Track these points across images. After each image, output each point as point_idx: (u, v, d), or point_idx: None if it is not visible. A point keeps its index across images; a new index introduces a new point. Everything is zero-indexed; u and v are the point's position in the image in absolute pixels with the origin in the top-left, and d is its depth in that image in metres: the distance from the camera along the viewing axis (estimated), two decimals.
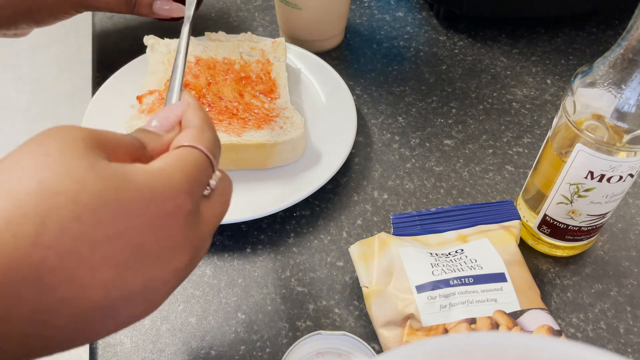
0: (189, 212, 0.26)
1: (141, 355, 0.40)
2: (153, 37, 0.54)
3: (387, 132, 0.55)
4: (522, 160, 0.53)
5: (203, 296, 0.43)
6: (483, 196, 0.50)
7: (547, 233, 0.44)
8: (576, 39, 0.64)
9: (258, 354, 0.40)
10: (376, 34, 0.65)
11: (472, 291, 0.38)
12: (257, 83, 0.52)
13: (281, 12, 0.60)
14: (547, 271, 0.45)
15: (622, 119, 0.35)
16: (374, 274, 0.40)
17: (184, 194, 0.26)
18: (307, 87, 0.56)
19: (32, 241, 0.22)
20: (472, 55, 0.62)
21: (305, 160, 0.50)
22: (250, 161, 0.48)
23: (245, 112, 0.49)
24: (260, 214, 0.45)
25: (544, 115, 0.56)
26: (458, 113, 0.57)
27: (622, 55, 0.34)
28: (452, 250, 0.41)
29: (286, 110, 0.50)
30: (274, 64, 0.54)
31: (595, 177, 0.38)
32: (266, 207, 0.45)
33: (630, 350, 0.41)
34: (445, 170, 0.52)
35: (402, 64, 0.61)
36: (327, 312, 0.42)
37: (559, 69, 0.61)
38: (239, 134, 0.47)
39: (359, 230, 0.47)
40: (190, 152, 0.28)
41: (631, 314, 0.42)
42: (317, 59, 0.57)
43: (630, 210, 0.49)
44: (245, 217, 0.45)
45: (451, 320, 0.37)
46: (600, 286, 0.44)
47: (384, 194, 0.50)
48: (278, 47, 0.55)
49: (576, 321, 0.42)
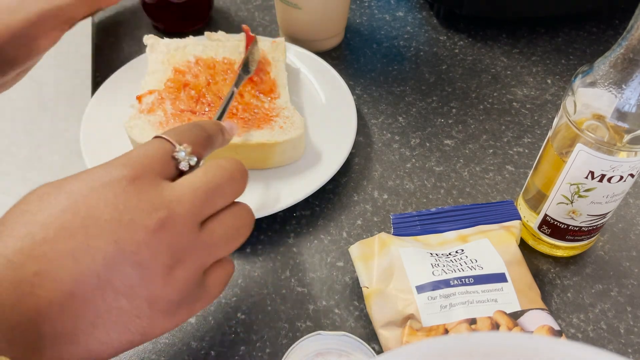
0: (134, 177, 0.29)
1: (141, 355, 0.40)
2: (153, 36, 0.54)
3: (387, 132, 0.55)
4: (522, 160, 0.53)
5: None
6: (483, 196, 0.50)
7: (548, 233, 0.44)
8: (576, 38, 0.64)
9: (258, 354, 0.40)
10: (376, 33, 0.65)
11: (473, 291, 0.38)
12: (257, 83, 0.52)
13: (281, 12, 0.60)
14: (547, 271, 0.45)
15: (623, 118, 0.35)
16: (374, 274, 0.40)
17: (120, 166, 0.29)
18: (307, 87, 0.56)
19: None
20: (472, 55, 0.62)
21: (305, 161, 0.50)
22: (251, 161, 0.48)
23: (245, 112, 0.49)
24: (260, 214, 0.45)
25: (545, 115, 0.56)
26: (458, 113, 0.57)
27: (623, 55, 0.34)
28: (453, 250, 0.41)
29: (286, 110, 0.50)
30: (274, 63, 0.54)
31: (595, 177, 0.38)
32: (266, 208, 0.45)
33: (631, 350, 0.41)
34: (445, 170, 0.52)
35: (402, 63, 0.61)
36: (327, 313, 0.42)
37: (559, 69, 0.61)
38: (239, 134, 0.47)
39: (359, 231, 0.47)
40: (149, 141, 0.32)
41: (632, 314, 0.42)
42: (317, 59, 0.57)
43: (631, 210, 0.49)
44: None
45: (451, 321, 0.37)
46: (600, 286, 0.44)
47: (384, 194, 0.50)
48: (278, 47, 0.55)
49: (576, 321, 0.42)
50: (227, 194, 0.32)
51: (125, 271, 0.27)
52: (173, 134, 0.32)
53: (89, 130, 0.50)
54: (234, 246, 0.32)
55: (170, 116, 0.48)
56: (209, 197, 0.31)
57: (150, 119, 0.47)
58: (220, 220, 0.31)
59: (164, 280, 0.28)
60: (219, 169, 0.32)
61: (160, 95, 0.49)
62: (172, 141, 0.32)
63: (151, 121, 0.47)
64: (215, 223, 0.31)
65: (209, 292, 0.32)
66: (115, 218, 0.27)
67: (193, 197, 0.30)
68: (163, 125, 0.47)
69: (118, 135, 0.49)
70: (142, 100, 0.49)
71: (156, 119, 0.47)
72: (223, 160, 0.33)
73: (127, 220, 0.28)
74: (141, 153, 0.30)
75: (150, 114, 0.48)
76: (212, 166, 0.32)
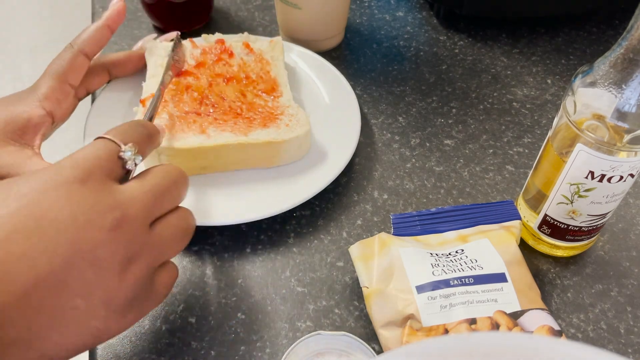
0: (85, 178, 0.29)
1: (141, 355, 0.40)
2: (151, 40, 0.54)
3: (387, 132, 0.55)
4: (522, 160, 0.53)
5: (203, 296, 0.43)
6: (483, 196, 0.50)
7: (548, 233, 0.44)
8: (576, 38, 0.64)
9: (258, 354, 0.40)
10: (376, 33, 0.65)
11: (473, 291, 0.38)
12: (258, 82, 0.52)
13: (281, 12, 0.60)
14: (547, 271, 0.45)
15: (623, 118, 0.35)
16: (374, 274, 0.40)
17: (68, 168, 0.30)
18: (310, 88, 0.56)
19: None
20: (472, 55, 0.62)
21: (308, 162, 0.50)
22: (257, 160, 0.48)
23: (250, 111, 0.49)
24: (261, 215, 0.45)
25: (545, 115, 0.56)
26: (458, 113, 0.57)
27: (623, 55, 0.34)
28: (453, 250, 0.41)
29: (290, 108, 0.50)
30: (273, 62, 0.54)
31: (595, 177, 0.38)
32: (267, 209, 0.45)
33: (631, 350, 0.41)
34: (445, 170, 0.52)
35: (402, 63, 0.61)
36: (327, 313, 0.42)
37: (559, 69, 0.61)
38: (246, 133, 0.47)
39: (359, 231, 0.47)
40: (93, 142, 0.32)
41: (632, 314, 0.42)
42: (320, 59, 0.57)
43: (631, 210, 0.49)
44: (248, 219, 0.45)
45: (451, 321, 0.37)
46: (600, 286, 0.44)
47: (384, 194, 0.50)
48: (275, 46, 0.55)
49: (576, 321, 0.42)
50: (174, 198, 0.33)
51: (82, 271, 0.28)
52: (116, 134, 0.33)
53: (92, 132, 0.50)
54: (181, 247, 0.34)
55: (176, 118, 0.48)
56: (158, 199, 0.32)
57: (155, 121, 0.47)
58: (167, 222, 0.33)
59: (119, 278, 0.29)
60: (166, 173, 0.33)
61: (164, 98, 0.49)
62: (117, 141, 0.32)
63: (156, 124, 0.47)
64: (164, 224, 0.32)
65: (158, 292, 0.33)
66: (71, 219, 0.28)
67: (144, 198, 0.31)
68: (168, 128, 0.47)
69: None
70: (145, 104, 0.49)
71: (161, 121, 0.47)
72: (166, 165, 0.34)
73: (83, 221, 0.28)
74: (88, 154, 0.31)
75: (154, 117, 0.48)
76: (159, 171, 0.33)
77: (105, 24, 0.47)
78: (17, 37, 1.79)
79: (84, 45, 0.46)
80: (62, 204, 0.28)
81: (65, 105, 0.46)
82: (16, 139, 0.42)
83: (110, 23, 0.48)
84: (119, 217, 0.29)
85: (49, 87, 0.45)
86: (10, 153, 0.41)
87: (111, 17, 0.48)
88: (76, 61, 0.46)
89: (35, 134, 0.44)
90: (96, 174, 0.30)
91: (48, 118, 0.44)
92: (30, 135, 0.43)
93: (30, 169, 0.41)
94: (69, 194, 0.28)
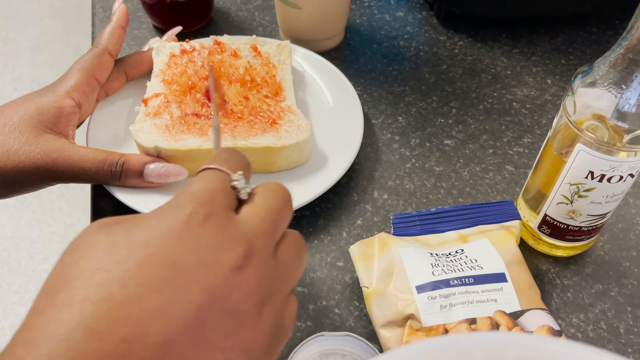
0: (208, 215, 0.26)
1: None
2: (159, 40, 0.54)
3: (387, 132, 0.55)
4: (522, 160, 0.53)
5: None
6: (483, 196, 0.50)
7: (548, 233, 0.44)
8: (576, 39, 0.64)
9: None
10: (376, 33, 0.65)
11: (473, 291, 0.38)
12: (263, 86, 0.51)
13: (281, 12, 0.60)
14: (547, 271, 0.45)
15: (623, 119, 0.35)
16: (374, 274, 0.40)
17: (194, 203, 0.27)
18: (314, 90, 0.56)
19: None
20: (472, 55, 0.62)
21: (309, 164, 0.50)
22: (257, 165, 0.48)
23: (251, 115, 0.49)
24: None
25: (544, 115, 0.56)
26: (458, 113, 0.57)
27: (623, 55, 0.34)
28: (453, 250, 0.41)
29: (292, 114, 0.50)
30: (279, 66, 0.53)
31: (595, 177, 0.38)
32: None
33: (631, 350, 0.41)
34: (445, 170, 0.52)
35: (402, 63, 0.61)
36: (327, 312, 0.42)
37: (559, 69, 0.61)
38: (245, 137, 0.47)
39: (359, 230, 0.47)
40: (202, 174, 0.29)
41: (631, 314, 0.42)
42: (323, 61, 0.57)
43: (631, 210, 0.49)
44: None
45: (451, 321, 0.37)
46: (600, 286, 0.44)
47: (384, 194, 0.50)
48: (283, 50, 0.55)
49: (576, 321, 0.42)
50: (285, 219, 0.30)
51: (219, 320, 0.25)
52: (222, 162, 0.30)
53: (94, 133, 0.50)
54: (301, 272, 0.30)
55: (177, 119, 0.48)
56: (275, 224, 0.29)
57: (157, 122, 0.47)
58: (287, 246, 0.30)
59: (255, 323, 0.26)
60: (273, 193, 0.30)
61: (166, 98, 0.49)
62: (226, 170, 0.29)
63: (157, 124, 0.47)
64: (285, 251, 0.29)
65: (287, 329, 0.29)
66: (200, 263, 0.25)
67: (264, 226, 0.28)
68: (169, 129, 0.47)
69: (123, 138, 0.50)
70: (147, 104, 0.49)
71: (162, 122, 0.47)
72: (270, 184, 0.31)
73: (213, 263, 0.25)
74: (202, 187, 0.28)
75: (156, 117, 0.48)
76: (267, 191, 0.30)
77: (118, 24, 0.50)
78: (17, 37, 1.79)
79: (107, 44, 0.48)
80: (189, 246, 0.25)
81: (91, 100, 0.47)
82: (51, 128, 0.44)
83: (122, 23, 0.50)
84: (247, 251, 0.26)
85: (78, 80, 0.46)
86: (52, 140, 0.43)
87: (122, 18, 0.50)
88: (102, 59, 0.48)
89: (67, 124, 0.45)
90: (217, 207, 0.27)
91: (77, 109, 0.45)
92: (62, 125, 0.44)
93: (79, 154, 0.43)
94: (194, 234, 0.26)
